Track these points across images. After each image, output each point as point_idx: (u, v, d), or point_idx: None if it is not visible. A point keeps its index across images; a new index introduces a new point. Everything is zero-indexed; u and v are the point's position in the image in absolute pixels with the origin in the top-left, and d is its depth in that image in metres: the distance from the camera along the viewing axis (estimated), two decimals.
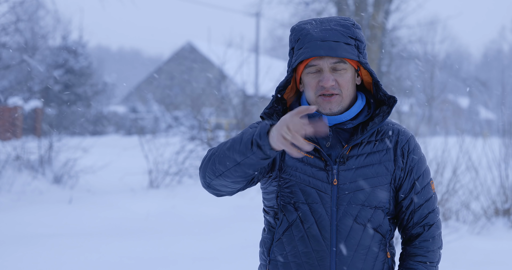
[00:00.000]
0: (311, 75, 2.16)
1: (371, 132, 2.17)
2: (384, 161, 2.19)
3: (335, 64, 2.13)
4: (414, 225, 2.23)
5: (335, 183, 2.15)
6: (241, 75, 14.89)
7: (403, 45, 23.38)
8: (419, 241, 2.23)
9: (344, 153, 2.16)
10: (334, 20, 2.17)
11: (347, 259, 2.15)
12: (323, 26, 2.14)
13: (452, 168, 8.36)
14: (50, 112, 25.62)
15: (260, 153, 1.95)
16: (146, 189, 10.81)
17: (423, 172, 2.24)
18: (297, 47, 2.16)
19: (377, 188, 2.17)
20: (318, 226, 2.14)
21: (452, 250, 6.94)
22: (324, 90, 2.14)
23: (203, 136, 12.72)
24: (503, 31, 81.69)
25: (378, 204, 2.18)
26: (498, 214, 8.72)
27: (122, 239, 6.92)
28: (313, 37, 2.12)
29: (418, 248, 2.22)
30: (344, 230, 2.14)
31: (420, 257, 2.22)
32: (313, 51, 2.10)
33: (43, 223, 7.75)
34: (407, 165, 2.21)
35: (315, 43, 2.11)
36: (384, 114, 2.20)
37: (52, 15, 26.03)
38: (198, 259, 6.20)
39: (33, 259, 5.93)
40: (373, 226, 2.17)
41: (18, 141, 13.06)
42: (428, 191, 2.25)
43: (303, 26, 2.17)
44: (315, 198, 2.15)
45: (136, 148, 13.36)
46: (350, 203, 2.15)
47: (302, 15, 19.18)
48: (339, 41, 2.11)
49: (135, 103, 36.15)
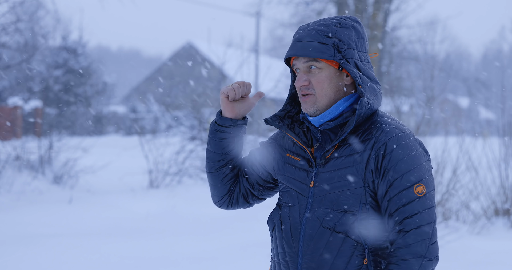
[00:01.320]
0: (297, 77, 2.18)
1: (346, 134, 2.09)
2: (356, 164, 2.09)
3: (307, 63, 2.13)
4: (391, 230, 2.07)
5: (312, 185, 2.14)
6: (241, 75, 14.89)
7: (403, 45, 23.38)
8: (394, 248, 2.04)
9: (325, 155, 2.14)
10: (324, 20, 2.17)
11: (313, 262, 2.12)
12: (309, 26, 2.16)
13: (452, 168, 8.36)
14: (50, 112, 25.60)
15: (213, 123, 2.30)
16: (146, 189, 10.81)
17: (403, 175, 2.06)
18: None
19: (347, 192, 2.09)
20: (291, 228, 2.17)
21: (452, 250, 6.94)
22: (301, 91, 2.16)
23: (203, 136, 12.71)
24: (503, 31, 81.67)
25: (347, 209, 2.09)
26: (498, 214, 8.72)
27: (122, 239, 6.92)
28: (294, 38, 2.16)
29: (392, 256, 2.04)
30: (311, 233, 2.12)
31: (392, 265, 2.03)
32: (289, 52, 2.15)
33: (43, 223, 7.74)
34: (381, 167, 2.07)
35: (292, 44, 2.15)
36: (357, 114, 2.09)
37: (52, 15, 26.01)
38: (198, 259, 6.20)
39: (34, 259, 5.93)
40: (340, 230, 2.08)
41: (18, 141, 13.06)
42: (408, 194, 2.05)
43: (299, 27, 2.20)
44: (294, 200, 2.19)
45: (136, 148, 13.36)
46: (320, 206, 2.12)
47: (302, 15, 19.18)
48: (312, 41, 2.10)
49: (135, 103, 36.13)
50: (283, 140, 2.29)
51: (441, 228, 7.90)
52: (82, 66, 28.22)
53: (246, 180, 2.35)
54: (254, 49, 30.57)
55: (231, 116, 2.27)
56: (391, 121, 2.15)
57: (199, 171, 12.00)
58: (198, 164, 12.08)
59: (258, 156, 2.33)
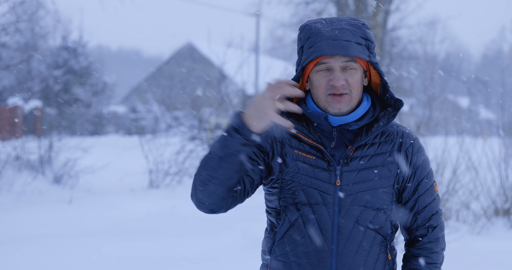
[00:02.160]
0: (321, 74, 2.13)
1: (375, 134, 2.16)
2: (388, 164, 2.18)
3: (346, 63, 2.11)
4: (418, 227, 2.24)
5: (338, 184, 2.14)
6: (241, 75, 14.88)
7: (403, 45, 23.38)
8: (423, 243, 2.23)
9: (348, 154, 2.15)
10: (344, 20, 2.16)
11: (348, 260, 2.14)
12: (334, 25, 2.12)
13: (452, 168, 8.36)
14: (50, 112, 25.61)
15: (238, 137, 1.96)
16: (146, 189, 10.81)
17: (426, 174, 2.24)
18: (307, 46, 2.13)
19: (380, 190, 2.16)
20: (319, 226, 2.13)
21: (452, 250, 6.95)
22: (334, 89, 2.12)
23: (203, 136, 12.72)
24: (503, 31, 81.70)
25: (380, 206, 2.17)
26: (498, 214, 8.73)
27: (122, 239, 6.92)
28: (324, 36, 2.09)
29: (422, 249, 2.23)
30: (346, 231, 2.13)
31: (424, 258, 2.22)
32: (325, 50, 2.08)
33: (43, 223, 7.75)
34: (410, 167, 2.21)
35: (327, 42, 2.08)
36: (390, 116, 2.18)
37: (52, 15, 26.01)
38: (198, 259, 6.20)
39: (34, 259, 5.93)
40: (374, 227, 2.16)
41: (18, 141, 13.05)
42: (432, 193, 2.25)
43: (313, 25, 2.14)
44: (317, 199, 2.14)
45: (136, 148, 13.36)
46: (352, 204, 2.14)
47: (302, 15, 19.18)
48: (350, 41, 2.09)
49: (135, 103, 36.14)
50: (283, 135, 2.20)
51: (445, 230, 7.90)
52: (82, 66, 28.22)
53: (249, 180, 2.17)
54: (254, 49, 30.57)
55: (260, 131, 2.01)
56: (399, 123, 2.30)
57: None
58: (198, 164, 12.06)
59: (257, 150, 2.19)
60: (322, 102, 2.15)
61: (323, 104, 2.15)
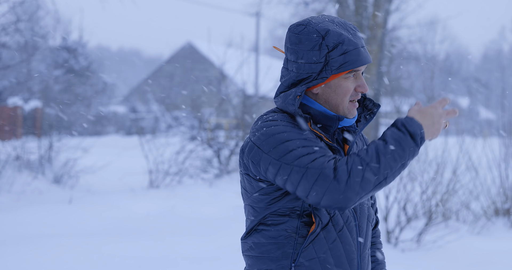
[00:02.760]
0: (351, 80, 2.15)
1: (360, 131, 2.24)
2: None
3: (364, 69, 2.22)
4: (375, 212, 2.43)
5: None
6: (241, 75, 14.88)
7: (403, 45, 23.39)
8: (375, 230, 2.42)
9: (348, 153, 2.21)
10: (347, 23, 2.20)
11: (366, 257, 2.21)
12: (350, 30, 2.15)
13: (452, 168, 8.36)
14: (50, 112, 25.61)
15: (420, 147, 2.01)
16: (146, 189, 10.81)
17: None
18: (337, 53, 2.09)
19: None
20: (347, 228, 2.14)
21: (452, 250, 6.95)
22: (357, 95, 2.17)
23: (203, 136, 12.72)
24: (503, 31, 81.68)
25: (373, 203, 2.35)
26: (498, 214, 8.73)
27: (122, 239, 6.92)
28: (356, 44, 2.11)
29: (376, 237, 2.43)
30: (364, 230, 2.20)
31: (379, 245, 2.43)
32: (365, 59, 2.11)
33: (44, 223, 7.75)
34: None
35: (360, 50, 2.11)
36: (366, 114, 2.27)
37: (52, 15, 26.01)
38: (198, 259, 6.20)
39: (34, 259, 5.93)
40: (373, 223, 2.32)
41: (18, 141, 13.06)
42: None
43: (338, 31, 2.11)
44: None
45: (136, 148, 13.37)
46: (361, 204, 2.21)
47: (302, 15, 19.17)
48: (365, 46, 2.16)
49: (135, 103, 36.15)
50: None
51: (441, 228, 7.91)
52: (82, 66, 28.23)
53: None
54: (254, 49, 30.58)
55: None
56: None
57: (199, 171, 12.01)
58: (198, 164, 12.08)
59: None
60: (344, 108, 2.16)
61: (343, 110, 2.16)
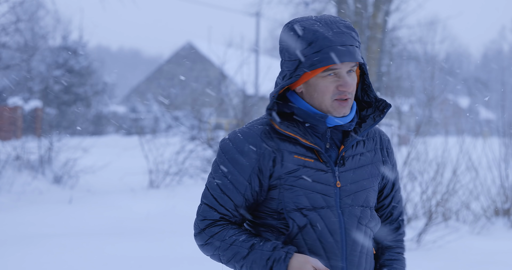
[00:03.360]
0: (329, 79, 2.10)
1: (364, 132, 2.18)
2: (375, 162, 2.24)
3: (351, 67, 2.11)
4: (392, 221, 2.33)
5: (338, 185, 2.13)
6: (241, 75, 14.88)
7: (403, 45, 23.39)
8: (397, 235, 2.34)
9: (342, 154, 2.16)
10: (337, 21, 2.13)
11: (355, 259, 2.15)
12: (333, 28, 2.09)
13: (452, 168, 8.36)
14: (50, 112, 25.62)
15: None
16: (146, 189, 10.81)
17: (398, 172, 2.37)
18: (310, 51, 2.07)
19: (372, 189, 2.20)
20: (329, 230, 2.12)
21: (452, 250, 6.95)
22: (342, 94, 2.11)
23: (203, 136, 12.71)
24: (503, 31, 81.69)
25: (372, 204, 2.21)
26: (498, 214, 8.73)
27: (123, 239, 6.92)
28: (332, 42, 2.05)
29: (396, 241, 2.34)
30: (351, 232, 2.14)
31: (399, 249, 2.34)
32: (338, 57, 2.05)
33: (44, 223, 7.75)
34: (390, 164, 2.31)
35: (335, 48, 2.05)
36: (375, 116, 2.20)
37: (52, 15, 26.03)
38: (198, 259, 6.20)
39: (34, 259, 5.93)
40: (370, 225, 2.20)
41: (18, 141, 13.06)
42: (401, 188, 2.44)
43: (314, 28, 2.09)
44: (320, 202, 2.12)
45: (136, 148, 13.36)
46: (353, 205, 2.15)
47: (302, 15, 19.17)
48: (353, 45, 2.09)
49: (135, 103, 36.15)
50: (276, 143, 2.14)
51: (441, 228, 7.91)
52: (82, 66, 28.23)
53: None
54: (254, 49, 30.58)
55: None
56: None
57: (199, 171, 12.01)
58: (198, 164, 12.08)
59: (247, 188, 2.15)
60: (327, 106, 2.12)
61: (327, 108, 2.12)
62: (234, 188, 2.11)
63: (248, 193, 2.12)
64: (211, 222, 2.14)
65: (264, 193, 2.14)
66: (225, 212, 2.12)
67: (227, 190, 2.11)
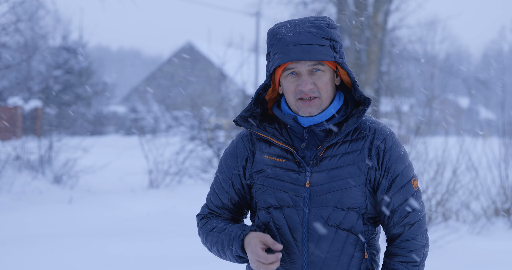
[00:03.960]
0: (289, 79, 2.14)
1: (345, 133, 2.15)
2: (358, 162, 2.15)
3: (313, 67, 2.12)
4: (394, 224, 2.19)
5: (308, 185, 2.14)
6: (241, 75, 14.88)
7: (403, 45, 23.38)
8: (400, 241, 2.18)
9: (318, 154, 2.15)
10: (309, 21, 2.15)
11: (319, 260, 2.14)
12: (297, 29, 2.12)
13: (452, 168, 8.36)
14: (50, 112, 25.62)
15: (240, 260, 2.20)
16: (146, 189, 10.81)
17: (402, 171, 2.18)
18: (273, 52, 2.15)
19: (350, 189, 2.14)
20: (290, 229, 2.15)
21: (452, 250, 6.95)
22: (303, 94, 2.13)
23: (203, 136, 12.71)
24: (503, 31, 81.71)
25: (351, 206, 2.14)
26: (498, 214, 8.73)
27: (123, 239, 6.92)
28: (286, 42, 2.10)
29: (399, 248, 2.18)
30: (315, 233, 2.13)
31: (401, 257, 2.18)
32: (287, 56, 2.09)
33: (44, 223, 7.75)
34: (383, 164, 2.17)
35: (289, 48, 2.09)
36: (359, 115, 2.17)
37: (52, 15, 26.03)
38: (198, 259, 6.20)
39: (35, 258, 5.93)
40: (345, 227, 2.14)
41: (18, 141, 13.06)
42: (409, 189, 2.19)
43: (277, 30, 2.15)
44: (288, 201, 2.15)
45: (136, 148, 13.36)
46: (322, 206, 2.13)
47: (302, 15, 19.17)
48: (312, 44, 2.09)
49: (135, 103, 36.14)
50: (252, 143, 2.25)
51: (441, 228, 7.90)
52: (82, 66, 28.22)
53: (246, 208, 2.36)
54: (254, 49, 30.57)
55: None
56: (375, 120, 2.26)
57: (199, 171, 12.01)
58: (198, 164, 12.08)
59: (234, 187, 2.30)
60: (293, 106, 2.17)
61: (294, 108, 2.17)
62: (221, 187, 2.28)
63: (232, 192, 2.27)
64: (202, 217, 2.34)
65: (247, 191, 2.26)
66: (213, 208, 2.30)
67: (217, 188, 2.31)
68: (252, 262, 2.11)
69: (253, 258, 2.10)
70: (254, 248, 2.09)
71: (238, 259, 2.19)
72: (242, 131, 2.30)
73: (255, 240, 2.11)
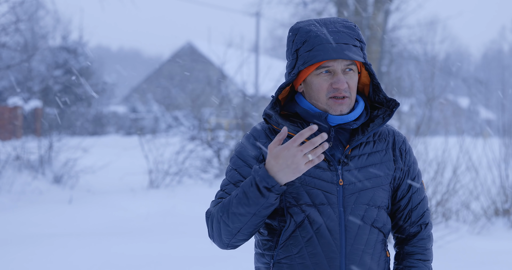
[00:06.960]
0: (322, 77, 2.14)
1: (372, 133, 2.18)
2: (385, 161, 2.22)
3: (347, 66, 2.13)
4: (412, 224, 2.27)
5: (341, 184, 2.15)
6: (241, 75, 14.88)
7: (403, 45, 23.39)
8: (417, 240, 2.27)
9: (347, 153, 2.17)
10: (337, 21, 2.17)
11: (356, 258, 2.15)
12: (329, 28, 2.13)
13: (452, 168, 8.37)
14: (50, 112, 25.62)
15: (272, 195, 1.99)
16: (146, 189, 10.82)
17: (417, 172, 2.30)
18: (304, 49, 2.13)
19: (380, 188, 2.19)
20: (327, 227, 2.13)
21: (452, 250, 6.95)
22: (337, 92, 2.13)
23: (203, 136, 12.72)
24: (503, 31, 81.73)
25: (381, 204, 2.20)
26: (498, 214, 8.73)
27: (123, 239, 6.93)
28: (324, 39, 2.10)
29: (417, 247, 2.27)
30: (353, 230, 2.14)
31: (419, 255, 2.26)
32: (327, 54, 2.09)
33: (44, 223, 7.75)
34: (405, 165, 2.26)
35: (328, 46, 2.10)
36: (385, 115, 2.21)
37: (52, 15, 26.04)
38: (198, 259, 6.20)
39: (35, 258, 5.93)
40: (377, 225, 2.19)
41: (18, 141, 13.07)
42: (422, 191, 2.30)
43: (309, 28, 2.15)
44: (322, 199, 2.14)
45: (136, 148, 13.37)
46: (356, 203, 2.15)
47: (302, 15, 19.18)
48: (348, 43, 2.11)
49: (135, 103, 36.14)
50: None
51: (441, 228, 7.91)
52: (82, 66, 28.22)
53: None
54: (254, 49, 30.57)
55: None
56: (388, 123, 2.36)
57: (199, 171, 12.01)
58: (198, 164, 12.09)
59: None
60: (323, 104, 2.16)
61: (324, 106, 2.17)
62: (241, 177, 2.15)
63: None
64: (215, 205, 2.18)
65: None
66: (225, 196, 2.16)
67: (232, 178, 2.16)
68: (292, 163, 1.93)
69: (290, 154, 1.93)
70: (288, 145, 1.93)
71: (266, 193, 1.98)
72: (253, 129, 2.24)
73: (277, 147, 1.95)
